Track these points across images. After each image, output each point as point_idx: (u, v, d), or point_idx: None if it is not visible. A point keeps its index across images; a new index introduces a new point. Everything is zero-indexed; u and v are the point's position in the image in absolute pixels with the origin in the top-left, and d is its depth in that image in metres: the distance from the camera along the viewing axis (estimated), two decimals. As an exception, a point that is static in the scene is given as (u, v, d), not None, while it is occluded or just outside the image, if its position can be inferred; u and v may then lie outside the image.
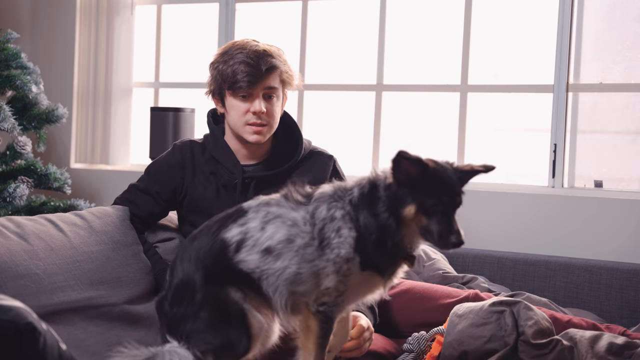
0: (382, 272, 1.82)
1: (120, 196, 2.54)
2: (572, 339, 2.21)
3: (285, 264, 1.77)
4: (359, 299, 1.88)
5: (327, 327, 1.80)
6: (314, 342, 1.80)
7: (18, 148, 3.59)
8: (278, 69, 2.35)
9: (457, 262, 3.20)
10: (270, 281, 1.78)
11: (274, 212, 1.82)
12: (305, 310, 1.80)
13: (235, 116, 2.36)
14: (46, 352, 1.48)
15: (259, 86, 2.32)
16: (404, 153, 1.73)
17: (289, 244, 1.78)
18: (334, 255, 1.76)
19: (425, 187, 1.74)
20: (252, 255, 1.79)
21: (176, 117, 3.70)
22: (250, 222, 1.82)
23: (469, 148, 3.65)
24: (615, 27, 3.50)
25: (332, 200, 1.81)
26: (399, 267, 1.85)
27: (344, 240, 1.76)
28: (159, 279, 2.41)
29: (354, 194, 1.81)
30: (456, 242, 1.72)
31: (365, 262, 1.78)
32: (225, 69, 2.33)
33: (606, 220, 3.25)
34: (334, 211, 1.79)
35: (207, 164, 2.45)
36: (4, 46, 3.56)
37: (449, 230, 1.72)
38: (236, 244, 1.81)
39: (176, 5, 4.36)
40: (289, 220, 1.80)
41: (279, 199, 1.86)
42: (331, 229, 1.77)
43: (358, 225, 1.77)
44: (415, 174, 1.74)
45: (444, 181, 1.75)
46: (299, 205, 1.83)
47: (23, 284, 2.02)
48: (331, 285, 1.76)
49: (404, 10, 3.85)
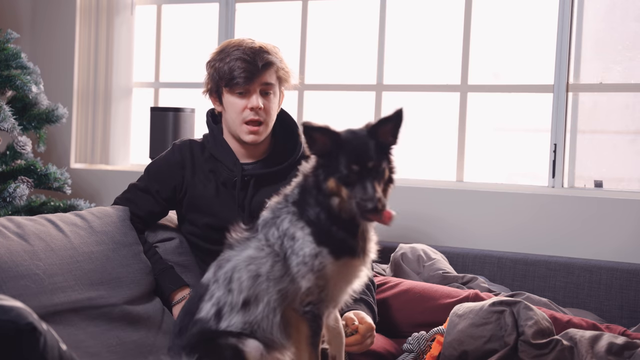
0: (355, 252, 1.80)
1: (120, 196, 2.55)
2: (572, 339, 2.21)
3: (266, 299, 1.78)
4: (345, 287, 1.85)
5: (317, 325, 1.80)
6: (306, 342, 1.80)
7: (18, 148, 3.59)
8: (274, 65, 2.37)
9: (457, 262, 3.20)
10: (264, 325, 1.79)
11: (229, 268, 1.83)
12: (294, 316, 1.81)
13: (233, 114, 2.38)
14: (46, 352, 1.48)
15: (256, 82, 2.34)
16: (308, 123, 1.73)
17: (257, 280, 1.79)
18: (300, 258, 1.76)
19: (338, 157, 1.72)
20: (235, 318, 1.80)
21: (176, 117, 3.70)
22: (215, 292, 1.83)
23: (469, 148, 3.65)
24: (615, 27, 3.50)
25: (275, 217, 1.82)
26: (368, 242, 1.84)
27: (302, 241, 1.77)
28: (159, 279, 2.41)
29: (295, 193, 1.82)
30: (373, 209, 1.68)
31: (334, 249, 1.77)
32: (222, 67, 2.35)
33: (606, 220, 3.25)
34: (282, 225, 1.80)
35: (206, 163, 2.46)
36: (4, 46, 3.56)
37: (364, 198, 1.68)
38: (215, 316, 1.81)
39: (176, 5, 4.36)
40: (245, 262, 1.81)
41: (226, 253, 1.86)
42: (288, 239, 1.78)
43: (308, 219, 1.77)
44: (328, 144, 1.74)
45: (354, 148, 1.73)
46: (247, 241, 1.84)
47: (23, 284, 2.02)
48: (310, 284, 1.77)
49: (404, 10, 3.85)
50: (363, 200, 1.68)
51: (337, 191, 1.73)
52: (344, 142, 1.74)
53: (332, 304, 1.84)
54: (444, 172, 3.73)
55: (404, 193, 3.59)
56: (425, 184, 3.65)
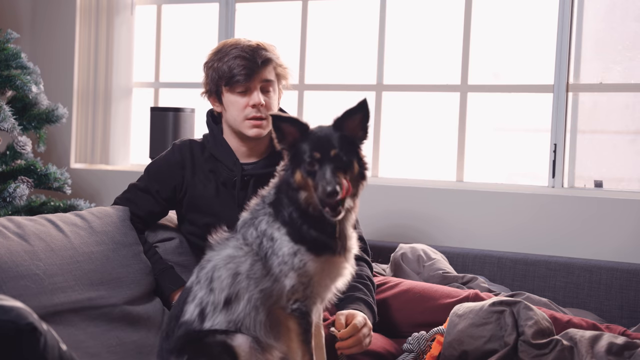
0: (334, 248, 1.81)
1: (120, 196, 2.55)
2: (572, 339, 2.21)
3: (247, 297, 1.80)
4: (329, 283, 1.86)
5: (305, 321, 1.82)
6: (297, 339, 1.82)
7: (18, 148, 3.59)
8: (273, 61, 2.39)
9: (457, 262, 3.20)
10: (247, 323, 1.81)
11: (210, 267, 1.85)
12: (282, 314, 1.82)
13: (234, 112, 2.38)
14: (47, 352, 1.48)
15: (256, 79, 2.35)
16: (277, 115, 1.78)
17: (237, 278, 1.81)
18: (280, 258, 1.78)
19: (303, 148, 1.76)
20: (219, 317, 1.81)
21: (176, 117, 3.70)
22: (198, 293, 1.85)
23: (469, 148, 3.65)
24: (615, 27, 3.50)
25: (254, 218, 1.85)
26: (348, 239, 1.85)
27: (280, 241, 1.79)
28: (159, 279, 2.41)
29: (271, 194, 1.85)
30: (332, 191, 1.68)
31: (311, 247, 1.78)
32: (221, 66, 2.36)
33: (606, 220, 3.25)
34: (261, 226, 1.82)
35: (206, 163, 2.46)
36: (4, 46, 3.56)
37: (322, 183, 1.70)
38: (198, 317, 1.83)
39: (176, 5, 4.36)
40: (224, 260, 1.83)
41: (208, 254, 1.89)
42: (267, 240, 1.81)
43: (284, 219, 1.80)
44: (297, 135, 1.78)
45: (318, 138, 1.77)
46: (227, 241, 1.87)
47: (23, 284, 2.02)
48: (294, 282, 1.78)
49: (404, 10, 3.85)
50: (323, 185, 1.70)
51: (304, 184, 1.76)
52: (310, 133, 1.79)
53: (318, 300, 1.86)
54: (444, 172, 3.73)
55: (404, 193, 3.59)
56: (425, 184, 3.65)
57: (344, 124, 1.81)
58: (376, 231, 3.53)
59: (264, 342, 1.82)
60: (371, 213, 3.53)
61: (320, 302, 1.88)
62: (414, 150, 3.90)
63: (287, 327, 1.82)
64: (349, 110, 1.82)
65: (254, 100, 2.35)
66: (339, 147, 1.75)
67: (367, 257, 2.53)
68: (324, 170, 1.72)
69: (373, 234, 3.49)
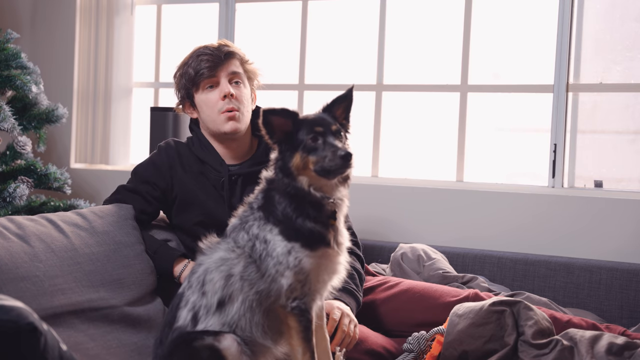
0: (327, 240, 1.82)
1: (109, 197, 2.55)
2: (572, 339, 2.21)
3: (241, 298, 1.80)
4: (326, 278, 1.87)
5: (306, 319, 1.82)
6: (298, 337, 1.81)
7: (18, 148, 3.59)
8: (237, 54, 2.45)
9: (457, 262, 3.20)
10: (242, 324, 1.81)
11: (201, 271, 1.86)
12: (282, 312, 1.82)
13: (208, 110, 2.41)
14: (47, 352, 1.48)
15: (222, 70, 2.40)
16: (267, 109, 1.81)
17: (230, 280, 1.81)
18: (275, 259, 1.79)
19: (299, 132, 1.80)
20: (212, 320, 1.81)
21: (176, 117, 3.70)
22: (190, 297, 1.85)
23: (469, 148, 3.65)
24: (615, 27, 3.50)
25: (243, 223, 1.86)
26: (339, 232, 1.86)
27: (273, 242, 1.80)
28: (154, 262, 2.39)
29: (259, 198, 1.87)
30: (345, 155, 1.74)
31: (306, 242, 1.79)
32: (187, 70, 2.44)
33: (606, 220, 3.25)
34: (252, 230, 1.83)
35: (195, 164, 2.47)
36: (4, 46, 3.56)
37: (333, 150, 1.76)
38: (191, 321, 1.82)
39: (176, 5, 4.36)
40: (216, 263, 1.84)
41: (198, 259, 1.89)
42: (260, 243, 1.81)
43: (275, 219, 1.81)
44: (288, 126, 1.81)
45: (314, 119, 1.83)
46: (217, 245, 1.87)
47: (23, 286, 2.01)
48: (291, 281, 1.79)
49: (404, 10, 3.85)
50: (334, 153, 1.75)
51: (303, 164, 1.78)
52: (303, 119, 1.83)
53: (317, 297, 1.86)
54: (444, 172, 3.73)
55: (404, 193, 3.59)
56: (425, 184, 3.65)
57: (332, 108, 1.88)
58: (376, 231, 3.53)
59: (259, 343, 1.82)
60: (371, 213, 3.53)
61: (319, 298, 1.88)
62: (414, 150, 3.90)
63: (287, 325, 1.82)
64: (338, 97, 1.90)
65: (223, 90, 2.39)
66: (337, 124, 1.83)
67: (359, 251, 2.52)
68: (329, 140, 1.78)
69: (373, 234, 3.49)
